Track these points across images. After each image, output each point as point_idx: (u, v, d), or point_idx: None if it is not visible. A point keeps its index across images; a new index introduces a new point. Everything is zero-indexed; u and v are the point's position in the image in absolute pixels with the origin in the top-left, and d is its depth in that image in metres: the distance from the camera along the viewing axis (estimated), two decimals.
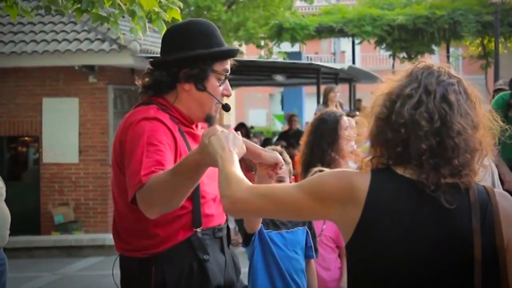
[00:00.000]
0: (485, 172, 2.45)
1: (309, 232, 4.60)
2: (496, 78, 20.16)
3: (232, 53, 3.52)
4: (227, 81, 3.49)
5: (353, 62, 26.59)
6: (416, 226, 2.33)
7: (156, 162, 3.07)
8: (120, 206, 3.36)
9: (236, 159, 2.74)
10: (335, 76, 15.94)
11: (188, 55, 3.38)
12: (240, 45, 21.87)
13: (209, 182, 3.35)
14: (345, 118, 5.95)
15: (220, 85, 3.45)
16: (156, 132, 3.22)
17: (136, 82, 3.52)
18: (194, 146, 3.34)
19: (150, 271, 3.32)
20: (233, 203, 2.55)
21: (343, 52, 40.14)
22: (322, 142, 5.70)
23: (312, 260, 4.71)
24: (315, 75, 14.20)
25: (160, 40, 10.91)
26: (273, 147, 4.28)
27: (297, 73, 16.12)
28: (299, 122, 19.07)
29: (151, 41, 13.58)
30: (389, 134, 2.38)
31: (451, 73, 2.44)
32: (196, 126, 3.53)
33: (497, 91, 9.22)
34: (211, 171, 3.26)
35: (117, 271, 3.49)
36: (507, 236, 2.35)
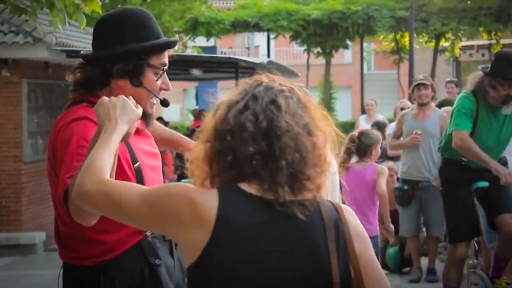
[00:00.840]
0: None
1: None
2: (411, 72, 20.44)
3: (168, 45, 3.30)
4: (165, 74, 3.30)
5: (268, 56, 26.66)
6: (270, 248, 2.20)
7: None
8: (62, 213, 3.12)
9: (119, 131, 2.62)
10: (253, 71, 15.88)
11: (121, 51, 3.18)
12: None
13: (153, 186, 3.20)
14: None
15: (157, 79, 3.26)
16: (86, 132, 3.02)
17: (67, 78, 3.30)
18: (134, 142, 3.19)
19: (99, 279, 3.13)
20: (79, 195, 2.42)
21: (257, 46, 40.19)
22: None
23: None
24: (234, 70, 14.08)
25: (77, 33, 10.61)
26: None
27: (215, 67, 15.98)
28: None
29: (66, 34, 13.22)
30: (217, 144, 2.25)
31: (283, 83, 2.35)
32: None
33: (418, 86, 9.22)
34: (153, 176, 3.12)
35: (54, 271, 3.31)
36: (359, 254, 2.27)
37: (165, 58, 3.29)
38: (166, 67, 3.29)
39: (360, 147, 7.17)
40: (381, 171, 7.17)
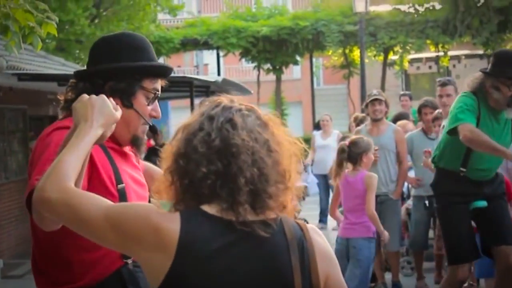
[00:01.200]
0: None
1: None
2: (363, 86, 20.58)
3: (163, 70, 3.27)
4: (156, 101, 3.25)
5: (218, 74, 26.61)
6: (232, 270, 2.18)
7: None
8: (37, 231, 3.02)
9: (93, 135, 2.53)
10: (207, 89, 15.85)
11: (115, 66, 3.14)
12: None
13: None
14: None
15: (148, 104, 3.20)
16: None
17: (58, 97, 3.24)
18: (120, 164, 3.12)
19: None
20: (40, 201, 2.35)
21: (206, 64, 40.14)
22: None
23: None
24: (188, 89, 14.03)
25: (28, 56, 10.42)
26: None
27: (169, 86, 15.91)
28: (164, 137, 19.02)
29: (18, 57, 13.01)
30: (174, 170, 2.24)
31: (242, 103, 2.33)
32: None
33: (372, 101, 9.26)
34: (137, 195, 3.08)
35: None
36: (323, 273, 2.27)
37: (158, 84, 3.24)
38: (158, 94, 3.24)
39: (351, 156, 7.32)
40: (369, 183, 7.18)
